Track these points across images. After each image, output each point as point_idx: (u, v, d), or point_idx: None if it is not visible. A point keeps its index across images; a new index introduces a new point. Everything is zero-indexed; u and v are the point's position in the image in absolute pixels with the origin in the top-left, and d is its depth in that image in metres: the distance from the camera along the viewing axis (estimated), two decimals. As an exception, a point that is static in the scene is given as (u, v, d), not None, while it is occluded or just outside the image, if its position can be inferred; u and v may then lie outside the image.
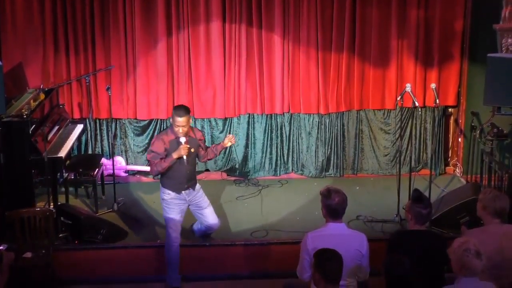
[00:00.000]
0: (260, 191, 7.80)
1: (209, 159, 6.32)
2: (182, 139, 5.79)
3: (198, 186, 6.15)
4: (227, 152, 8.18)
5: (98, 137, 8.10)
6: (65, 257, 6.26)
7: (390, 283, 4.16)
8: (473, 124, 7.68)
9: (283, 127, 8.17)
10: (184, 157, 5.77)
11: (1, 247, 5.12)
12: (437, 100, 6.98)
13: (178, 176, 5.90)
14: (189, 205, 6.09)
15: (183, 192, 5.97)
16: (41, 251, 5.95)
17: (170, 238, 5.96)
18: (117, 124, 8.08)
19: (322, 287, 4.11)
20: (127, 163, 8.15)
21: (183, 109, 5.83)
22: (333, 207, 4.66)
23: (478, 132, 7.54)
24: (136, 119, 8.05)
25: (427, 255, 4.62)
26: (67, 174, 7.27)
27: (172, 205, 5.95)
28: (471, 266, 4.05)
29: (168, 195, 5.94)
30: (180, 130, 5.77)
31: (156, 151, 5.83)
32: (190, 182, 6.00)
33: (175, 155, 5.76)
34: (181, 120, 5.74)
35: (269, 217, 7.11)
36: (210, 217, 6.23)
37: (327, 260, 4.10)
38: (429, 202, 4.94)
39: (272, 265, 6.36)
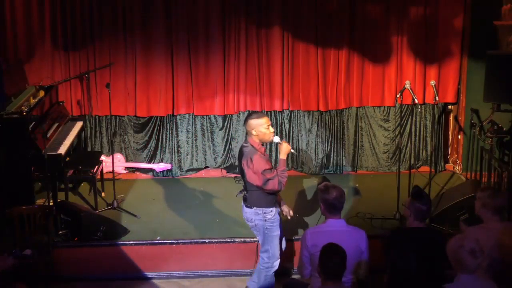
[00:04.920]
0: (259, 188, 7.79)
1: None
2: (276, 138, 5.41)
3: None
4: (226, 149, 8.18)
5: (98, 134, 8.10)
6: (65, 254, 6.27)
7: (394, 278, 4.16)
8: (472, 121, 7.67)
9: (283, 124, 8.17)
10: (292, 150, 5.42)
11: (26, 252, 5.15)
12: (437, 97, 6.97)
13: None
14: None
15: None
16: (41, 248, 5.94)
17: (274, 262, 5.46)
18: (117, 121, 8.08)
19: (321, 281, 4.11)
20: (127, 160, 8.15)
21: (257, 111, 5.53)
22: (331, 201, 4.69)
23: (477, 129, 7.53)
24: (135, 116, 8.05)
25: (427, 252, 4.62)
26: (66, 171, 7.27)
27: (276, 221, 5.41)
28: (464, 263, 4.03)
29: (271, 212, 5.38)
30: (272, 130, 5.35)
31: (267, 167, 5.22)
32: None
33: (284, 156, 5.31)
34: (265, 117, 5.35)
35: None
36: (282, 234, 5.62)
37: (328, 256, 4.10)
38: (429, 198, 4.94)
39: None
